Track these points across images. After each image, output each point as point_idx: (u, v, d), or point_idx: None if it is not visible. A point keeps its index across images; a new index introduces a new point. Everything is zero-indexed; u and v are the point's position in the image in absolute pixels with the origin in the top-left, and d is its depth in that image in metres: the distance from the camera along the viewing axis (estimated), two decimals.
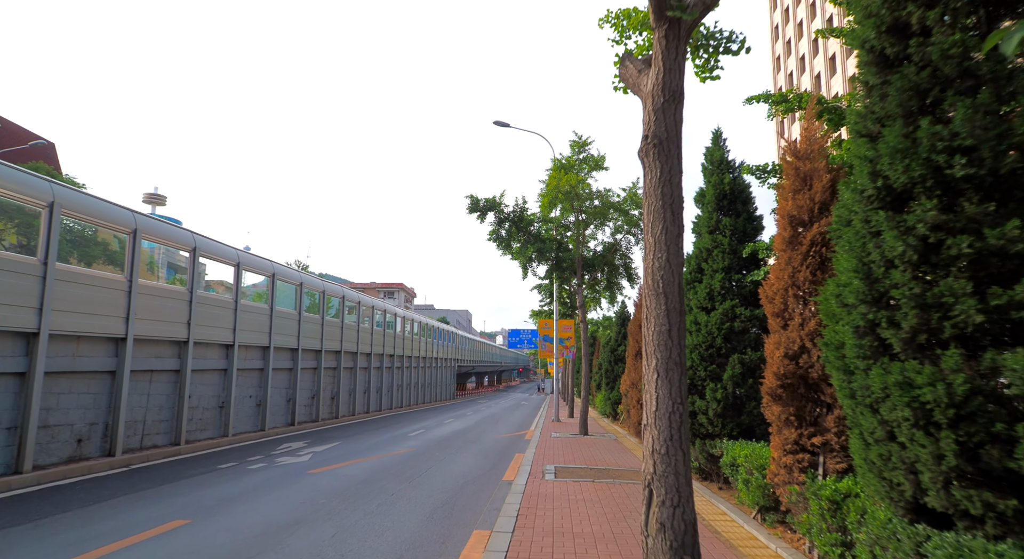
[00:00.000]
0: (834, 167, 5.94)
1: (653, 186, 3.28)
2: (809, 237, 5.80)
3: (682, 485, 3.04)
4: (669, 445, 3.06)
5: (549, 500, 7.97)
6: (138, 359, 11.83)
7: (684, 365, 3.23)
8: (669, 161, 3.27)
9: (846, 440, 5.46)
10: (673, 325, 3.21)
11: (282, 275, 18.39)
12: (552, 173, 17.42)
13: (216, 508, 7.67)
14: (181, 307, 13.07)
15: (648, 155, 3.32)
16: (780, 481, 5.89)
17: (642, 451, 3.30)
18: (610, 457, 12.50)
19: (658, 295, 3.25)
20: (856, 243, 3.85)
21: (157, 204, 70.84)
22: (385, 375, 28.70)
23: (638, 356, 16.15)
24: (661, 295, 3.24)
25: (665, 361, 3.17)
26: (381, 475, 10.35)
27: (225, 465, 11.22)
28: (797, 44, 47.23)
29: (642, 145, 3.39)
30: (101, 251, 12.00)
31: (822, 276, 5.71)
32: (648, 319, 3.32)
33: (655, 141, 3.27)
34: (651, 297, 3.29)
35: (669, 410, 3.12)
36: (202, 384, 14.17)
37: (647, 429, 3.22)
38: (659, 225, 3.27)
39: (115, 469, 10.54)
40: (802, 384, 5.80)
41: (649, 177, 3.32)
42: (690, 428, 8.79)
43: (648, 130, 3.31)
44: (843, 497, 4.88)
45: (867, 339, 3.72)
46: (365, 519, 7.20)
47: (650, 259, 3.32)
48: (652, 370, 3.24)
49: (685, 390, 3.15)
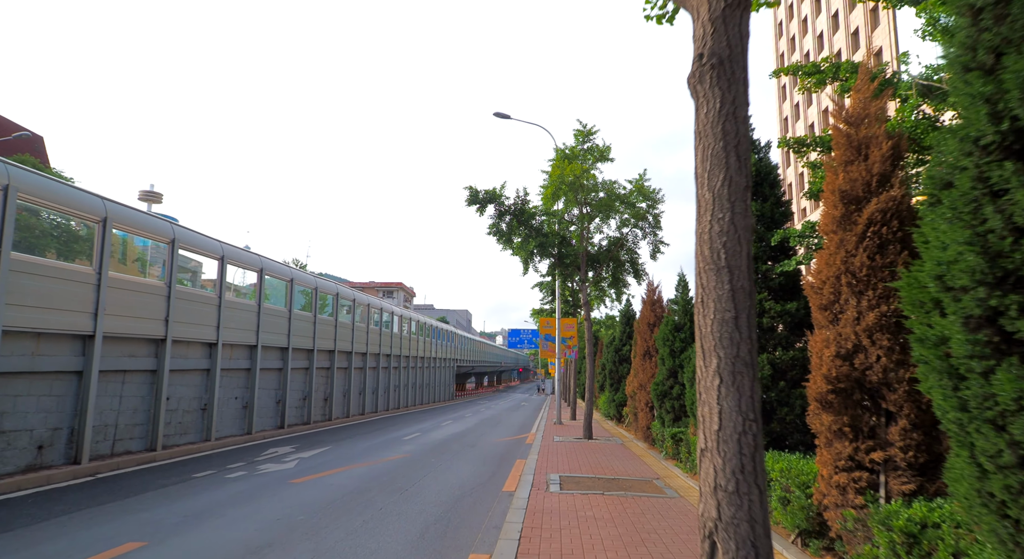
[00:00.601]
0: (895, 133, 5.05)
1: (711, 122, 2.40)
2: (866, 215, 4.91)
3: (759, 537, 2.17)
4: (739, 479, 2.19)
5: (555, 517, 7.08)
6: (109, 358, 10.93)
7: (756, 366, 2.36)
8: (733, 88, 2.40)
9: (913, 457, 4.58)
10: (741, 311, 2.34)
11: (271, 270, 17.49)
12: (555, 163, 16.53)
13: (180, 526, 6.79)
14: (158, 302, 12.17)
15: (703, 81, 2.44)
16: (831, 503, 5.00)
17: (699, 486, 2.41)
18: (618, 464, 11.62)
19: (719, 270, 2.37)
20: (964, 209, 2.96)
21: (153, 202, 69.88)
22: (381, 375, 27.80)
23: (646, 356, 15.25)
24: (724, 270, 2.37)
25: (731, 361, 2.30)
26: (370, 485, 9.47)
27: (201, 474, 10.33)
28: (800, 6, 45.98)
29: (694, 69, 2.51)
30: (87, 245, 11.14)
31: (882, 260, 4.83)
32: (704, 304, 2.44)
33: (713, 61, 2.40)
34: (708, 273, 2.41)
35: (739, 429, 2.25)
36: (182, 385, 13.27)
37: (706, 456, 2.33)
38: (719, 175, 2.39)
39: (79, 479, 9.64)
40: (858, 389, 4.91)
41: (704, 110, 2.44)
42: None
43: (702, 47, 2.43)
44: (921, 528, 4.00)
45: (984, 333, 2.83)
46: (347, 539, 6.32)
47: (706, 221, 2.44)
48: (712, 374, 2.36)
49: (759, 401, 2.28)
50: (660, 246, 17.65)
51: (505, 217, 17.22)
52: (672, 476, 10.33)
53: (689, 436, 10.31)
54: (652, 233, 17.67)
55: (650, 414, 14.97)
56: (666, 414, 12.40)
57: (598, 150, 16.98)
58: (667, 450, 12.16)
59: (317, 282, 20.99)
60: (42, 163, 31.23)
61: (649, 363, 14.88)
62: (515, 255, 17.55)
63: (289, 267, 19.06)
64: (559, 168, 16.07)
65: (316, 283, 20.79)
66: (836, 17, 40.36)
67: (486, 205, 16.91)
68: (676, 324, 12.63)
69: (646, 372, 14.97)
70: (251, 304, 16.26)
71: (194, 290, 14.07)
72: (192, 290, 13.95)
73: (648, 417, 15.06)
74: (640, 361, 15.54)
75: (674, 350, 12.35)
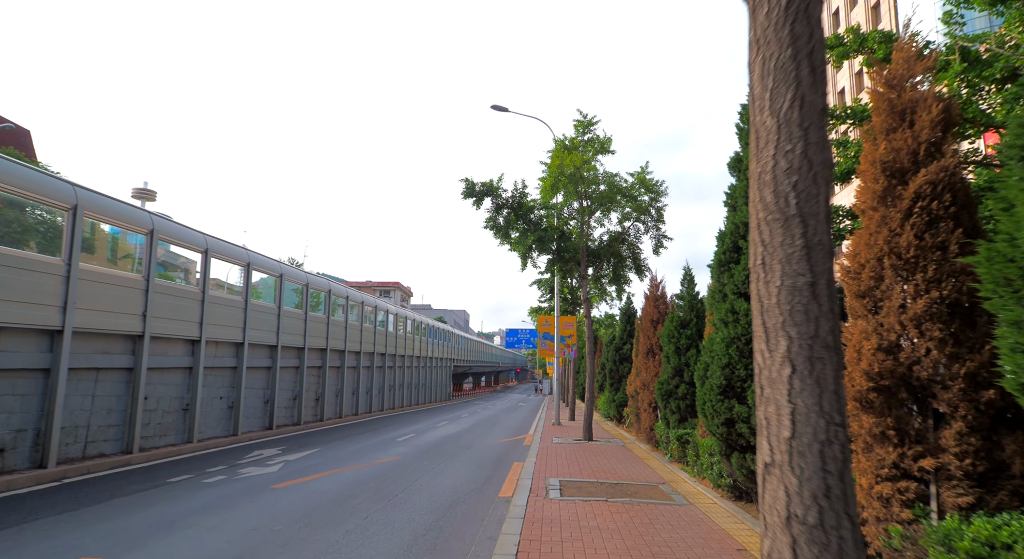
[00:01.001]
0: (945, 96, 4.45)
1: (773, 24, 1.79)
2: (912, 189, 4.30)
3: None
4: (823, 507, 1.57)
5: (556, 528, 6.46)
6: (79, 355, 10.26)
7: (840, 351, 1.74)
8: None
9: (971, 465, 3.97)
10: (820, 274, 1.72)
11: (259, 265, 16.83)
12: (554, 154, 15.90)
13: (143, 539, 6.15)
14: (135, 297, 11.50)
15: None
16: (871, 516, 4.39)
17: (761, 513, 1.79)
18: (621, 468, 11.00)
19: (787, 220, 1.75)
20: None
21: (147, 199, 69.03)
22: (376, 375, 27.14)
23: (649, 354, 14.64)
24: (794, 219, 1.74)
25: (807, 343, 1.68)
26: (357, 490, 8.84)
27: (177, 478, 9.68)
28: None
29: None
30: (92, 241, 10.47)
31: (932, 240, 4.22)
32: (766, 267, 1.81)
33: None
34: (771, 225, 1.79)
35: (820, 437, 1.62)
36: (162, 384, 12.61)
37: (772, 474, 1.69)
38: (786, 93, 1.78)
39: (43, 484, 8.98)
40: (903, 387, 4.30)
41: (765, 9, 1.82)
42: (727, 439, 7.28)
43: None
44: (990, 549, 3.39)
45: None
46: (325, 554, 5.70)
47: (767, 157, 1.82)
48: (779, 360, 1.73)
49: (844, 399, 1.67)
50: (663, 240, 17.05)
51: (502, 211, 16.59)
52: (679, 480, 9.72)
53: (697, 438, 9.70)
54: (655, 227, 17.06)
55: (653, 415, 14.36)
56: (671, 415, 11.79)
57: (599, 141, 16.37)
58: (672, 453, 11.55)
59: (308, 278, 20.33)
60: (27, 156, 30.49)
61: (652, 361, 14.26)
62: (513, 250, 16.93)
63: (279, 262, 18.39)
64: (558, 159, 15.45)
65: (307, 279, 20.14)
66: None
67: (483, 198, 16.28)
68: (682, 320, 12.02)
69: (649, 371, 14.36)
70: (237, 300, 15.59)
71: (175, 284, 13.41)
72: (173, 284, 13.28)
73: (651, 418, 14.45)
74: (643, 359, 14.93)
75: (679, 347, 11.74)
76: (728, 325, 7.30)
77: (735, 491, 8.05)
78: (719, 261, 7.85)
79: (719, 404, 7.16)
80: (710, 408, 7.33)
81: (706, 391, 7.49)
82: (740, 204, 7.73)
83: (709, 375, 7.49)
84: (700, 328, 11.75)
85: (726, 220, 8.10)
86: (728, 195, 8.20)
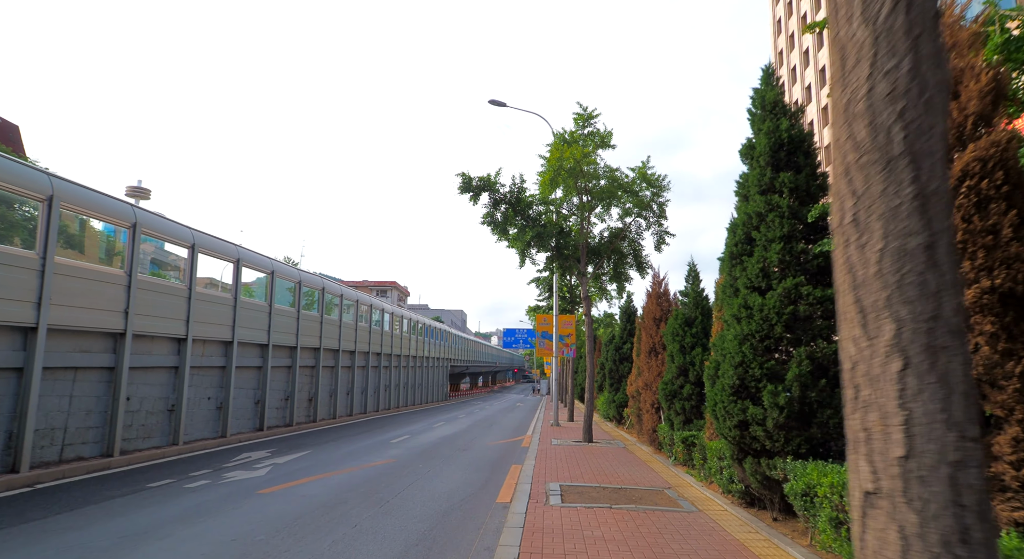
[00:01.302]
0: (995, 64, 4.01)
1: None
2: (959, 166, 3.86)
3: None
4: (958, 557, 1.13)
5: (557, 539, 6.01)
6: (55, 353, 9.76)
7: (966, 337, 1.29)
8: None
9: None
10: (939, 234, 1.25)
11: (249, 261, 16.33)
12: (553, 147, 15.44)
13: (111, 551, 5.68)
14: (116, 293, 11.00)
15: None
16: None
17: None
18: (624, 471, 10.56)
19: (889, 161, 1.28)
20: None
21: (141, 197, 68.31)
22: (371, 375, 26.64)
23: (651, 353, 14.18)
24: (901, 160, 1.27)
25: (924, 327, 1.21)
26: (348, 495, 8.38)
27: (158, 483, 9.19)
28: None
29: None
30: (77, 240, 10.00)
31: (982, 223, 3.78)
32: (860, 225, 1.33)
33: None
34: (864, 170, 1.31)
35: (951, 457, 1.14)
36: (145, 384, 12.11)
37: (879, 507, 1.21)
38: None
39: (14, 490, 8.49)
40: None
41: None
42: (740, 443, 6.83)
43: None
44: None
45: None
46: None
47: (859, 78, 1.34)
48: (883, 352, 1.26)
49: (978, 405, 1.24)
50: (665, 237, 16.60)
51: (500, 206, 16.12)
52: (684, 485, 9.28)
53: (703, 440, 9.25)
54: (657, 223, 16.61)
55: (656, 416, 13.91)
56: (675, 416, 11.35)
57: (599, 135, 15.91)
58: (677, 456, 11.11)
59: (301, 275, 19.83)
60: (15, 152, 29.91)
61: (655, 361, 13.81)
62: (511, 247, 16.45)
63: (270, 259, 17.89)
64: (558, 152, 14.99)
65: (300, 276, 19.64)
66: None
67: (480, 193, 15.80)
68: (687, 318, 11.58)
69: (652, 370, 13.91)
70: (226, 297, 15.09)
71: (159, 280, 12.90)
72: (157, 280, 12.78)
73: (654, 419, 14.00)
74: (645, 359, 14.47)
75: (684, 346, 11.30)
76: (741, 321, 6.85)
77: (747, 497, 7.61)
78: (731, 254, 7.41)
79: (731, 405, 6.71)
80: (721, 409, 6.89)
81: (717, 391, 7.05)
82: (752, 193, 7.28)
83: (720, 374, 7.05)
84: (706, 326, 11.31)
85: (737, 210, 7.66)
86: (739, 184, 7.76)
